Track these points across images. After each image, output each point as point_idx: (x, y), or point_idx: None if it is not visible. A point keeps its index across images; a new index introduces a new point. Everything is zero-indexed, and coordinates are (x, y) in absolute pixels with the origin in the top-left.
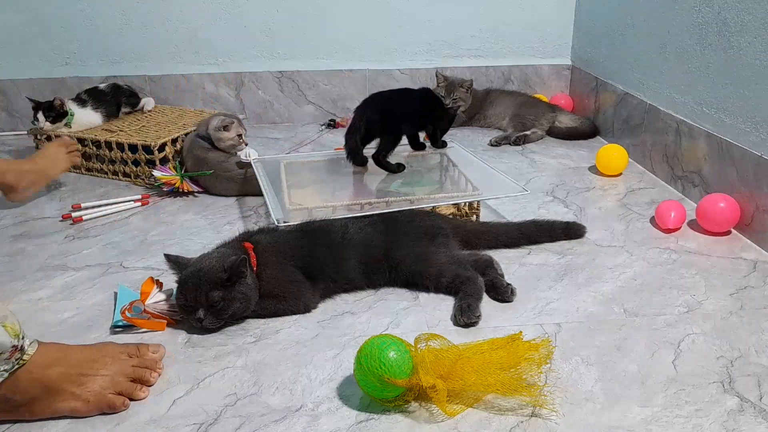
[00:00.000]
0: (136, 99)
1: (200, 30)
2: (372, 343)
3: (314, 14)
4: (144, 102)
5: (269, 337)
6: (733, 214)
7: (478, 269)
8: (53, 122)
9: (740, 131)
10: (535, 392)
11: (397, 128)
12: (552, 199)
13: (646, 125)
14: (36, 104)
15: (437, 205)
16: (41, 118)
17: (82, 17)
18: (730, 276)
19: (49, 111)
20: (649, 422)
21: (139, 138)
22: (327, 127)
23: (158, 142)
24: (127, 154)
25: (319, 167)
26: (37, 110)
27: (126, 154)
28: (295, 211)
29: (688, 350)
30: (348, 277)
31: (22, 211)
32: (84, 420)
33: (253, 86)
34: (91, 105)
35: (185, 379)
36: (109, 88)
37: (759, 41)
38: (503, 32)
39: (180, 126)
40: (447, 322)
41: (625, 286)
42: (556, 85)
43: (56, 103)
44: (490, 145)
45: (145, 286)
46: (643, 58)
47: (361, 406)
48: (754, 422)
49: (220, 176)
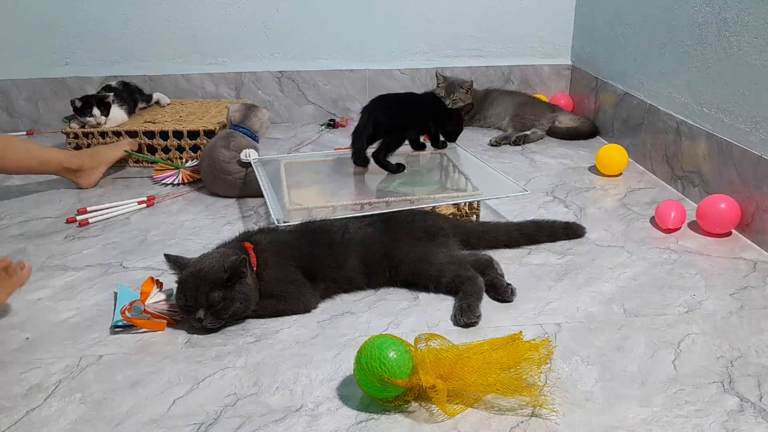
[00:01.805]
0: (148, 95)
1: (200, 30)
2: (372, 343)
3: (314, 14)
4: (157, 97)
5: (269, 337)
6: (733, 216)
7: (478, 269)
8: (107, 116)
9: (740, 131)
10: (535, 392)
11: (402, 130)
12: (552, 199)
13: (646, 125)
14: (84, 100)
15: (437, 205)
16: (97, 113)
17: (82, 17)
18: (730, 276)
19: (100, 106)
20: (649, 422)
21: (201, 125)
22: (327, 127)
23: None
24: (186, 141)
25: (319, 167)
26: (90, 106)
27: (185, 140)
28: (295, 211)
29: (688, 350)
30: (348, 277)
31: (22, 211)
32: (84, 420)
33: (253, 86)
34: (118, 102)
35: (185, 379)
36: (122, 86)
37: (759, 41)
38: (503, 32)
39: (214, 114)
40: (447, 322)
41: (625, 286)
42: (556, 85)
43: (108, 98)
44: (490, 145)
45: (145, 286)
46: (643, 58)
47: (361, 406)
48: (754, 422)
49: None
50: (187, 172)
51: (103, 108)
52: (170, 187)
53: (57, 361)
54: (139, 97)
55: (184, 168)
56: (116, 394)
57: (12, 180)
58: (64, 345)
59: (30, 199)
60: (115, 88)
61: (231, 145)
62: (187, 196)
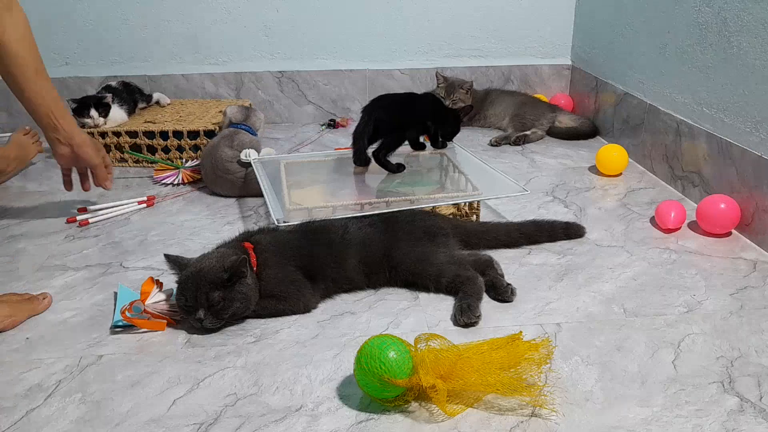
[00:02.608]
0: (148, 95)
1: (200, 30)
2: (372, 343)
3: (314, 14)
4: (157, 97)
5: (269, 337)
6: (733, 216)
7: (478, 269)
8: (106, 117)
9: (740, 131)
10: (535, 392)
11: (402, 130)
12: (552, 199)
13: (646, 125)
14: (82, 102)
15: (437, 205)
16: (95, 114)
17: (82, 17)
18: (730, 276)
19: (98, 107)
20: (649, 422)
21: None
22: (327, 127)
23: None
24: (186, 141)
25: (319, 167)
26: (87, 107)
27: (185, 141)
28: (295, 211)
29: (688, 350)
30: (348, 277)
31: (22, 211)
32: (84, 420)
33: (253, 86)
34: (117, 102)
35: (185, 379)
36: (122, 86)
37: (759, 41)
38: (503, 32)
39: (214, 114)
40: (447, 322)
41: (625, 286)
42: (556, 85)
43: (106, 99)
44: (490, 145)
45: (145, 286)
46: (643, 58)
47: (361, 406)
48: (754, 422)
49: (220, 177)
50: (187, 172)
51: (102, 109)
52: (170, 187)
53: (57, 361)
54: (139, 97)
55: (184, 168)
56: (116, 394)
57: (12, 180)
58: (64, 345)
59: (30, 199)
60: (115, 88)
61: (234, 144)
62: (187, 196)
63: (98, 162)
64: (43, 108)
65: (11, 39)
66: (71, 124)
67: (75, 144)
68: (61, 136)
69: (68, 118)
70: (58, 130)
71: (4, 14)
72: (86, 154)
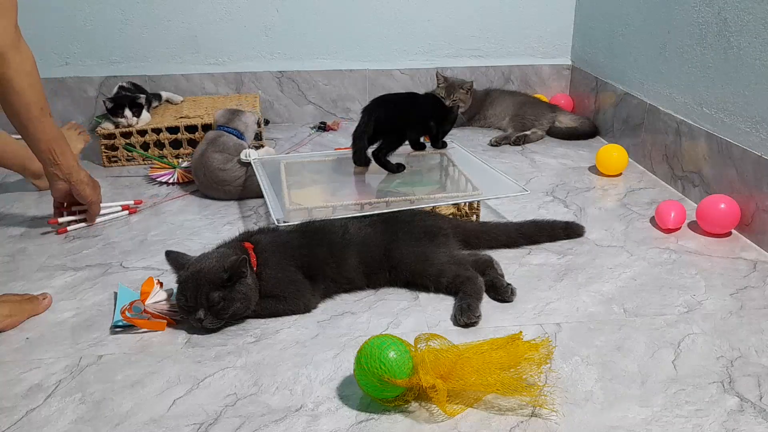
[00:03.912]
0: (157, 94)
1: (200, 30)
2: (372, 343)
3: (314, 14)
4: (167, 96)
5: (269, 337)
6: (733, 216)
7: (478, 269)
8: (138, 117)
9: (740, 131)
10: (535, 392)
11: (403, 130)
12: (552, 199)
13: (646, 125)
14: (117, 102)
15: (437, 205)
16: (128, 114)
17: (82, 17)
18: (730, 276)
19: (132, 107)
20: (649, 422)
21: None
22: (317, 130)
23: None
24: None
25: (319, 167)
26: (122, 107)
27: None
28: (295, 211)
29: (688, 350)
30: (348, 277)
31: (22, 211)
32: (84, 420)
33: (253, 86)
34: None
35: (185, 379)
36: (133, 85)
37: (759, 41)
38: (503, 32)
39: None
40: (447, 322)
41: (625, 286)
42: (556, 85)
43: (140, 99)
44: (490, 145)
45: (146, 286)
46: (643, 58)
47: (361, 406)
48: (754, 422)
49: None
50: (182, 172)
51: (136, 109)
52: (170, 188)
53: (57, 361)
54: (152, 97)
55: (180, 168)
56: (116, 394)
57: (12, 180)
58: (64, 345)
59: (30, 199)
60: (128, 89)
61: (219, 147)
62: (187, 196)
63: (94, 200)
64: (44, 144)
65: (18, 76)
66: (71, 160)
67: (73, 181)
68: (60, 171)
69: (68, 155)
70: (57, 166)
71: (11, 52)
72: (83, 191)
